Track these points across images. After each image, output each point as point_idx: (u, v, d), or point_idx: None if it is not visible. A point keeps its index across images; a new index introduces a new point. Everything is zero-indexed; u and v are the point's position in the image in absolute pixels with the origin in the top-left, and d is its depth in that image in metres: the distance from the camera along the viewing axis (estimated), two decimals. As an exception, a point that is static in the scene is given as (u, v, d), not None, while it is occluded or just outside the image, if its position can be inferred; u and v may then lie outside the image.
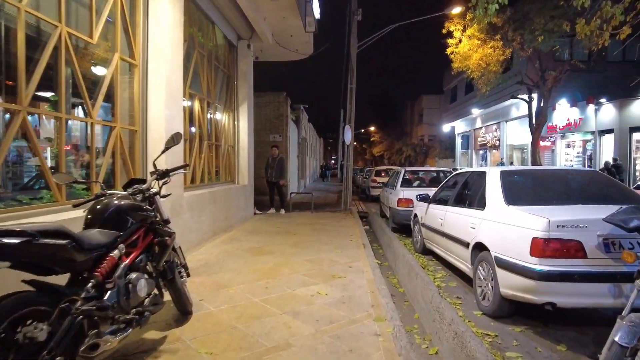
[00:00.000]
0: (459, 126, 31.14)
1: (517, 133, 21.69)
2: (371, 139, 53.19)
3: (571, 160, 16.40)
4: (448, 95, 32.67)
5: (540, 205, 3.49)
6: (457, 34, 12.36)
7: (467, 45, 11.99)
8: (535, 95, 14.03)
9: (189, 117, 6.17)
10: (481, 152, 27.59)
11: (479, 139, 27.22)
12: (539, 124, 13.06)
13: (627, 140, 13.98)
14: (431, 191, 7.58)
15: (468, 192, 4.71)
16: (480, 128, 26.77)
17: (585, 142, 15.86)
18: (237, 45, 8.52)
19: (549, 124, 13.74)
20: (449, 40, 12.68)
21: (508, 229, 3.42)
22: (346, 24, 11.06)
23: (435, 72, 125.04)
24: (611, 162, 12.84)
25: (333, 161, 70.38)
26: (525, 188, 4.07)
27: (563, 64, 12.32)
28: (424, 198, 6.01)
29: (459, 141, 32.38)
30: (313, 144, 33.46)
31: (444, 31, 12.67)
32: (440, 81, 34.73)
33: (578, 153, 16.18)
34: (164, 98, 4.84)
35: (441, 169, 10.24)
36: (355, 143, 62.45)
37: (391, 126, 52.47)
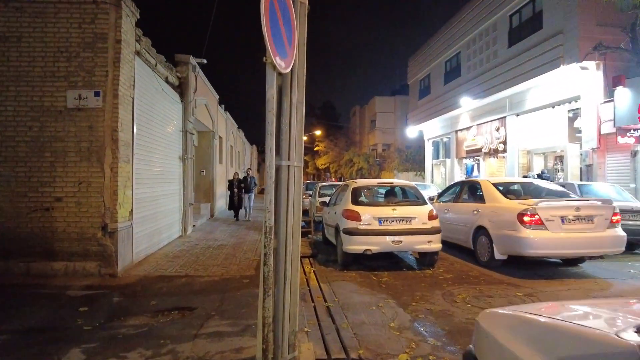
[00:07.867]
0: (431, 129, 23.82)
1: (535, 132, 14.54)
2: (315, 149, 44.88)
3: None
4: (415, 90, 25.37)
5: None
6: None
7: None
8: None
9: None
10: (466, 161, 20.34)
11: (466, 144, 19.94)
12: None
13: None
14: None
15: None
16: (469, 128, 19.51)
17: None
18: None
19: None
20: None
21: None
22: None
23: (389, 70, 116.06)
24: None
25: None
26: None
27: None
28: None
29: (429, 149, 25.09)
30: (239, 149, 23.90)
31: None
32: (393, 81, 27.52)
33: None
34: None
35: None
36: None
37: (337, 134, 44.86)
